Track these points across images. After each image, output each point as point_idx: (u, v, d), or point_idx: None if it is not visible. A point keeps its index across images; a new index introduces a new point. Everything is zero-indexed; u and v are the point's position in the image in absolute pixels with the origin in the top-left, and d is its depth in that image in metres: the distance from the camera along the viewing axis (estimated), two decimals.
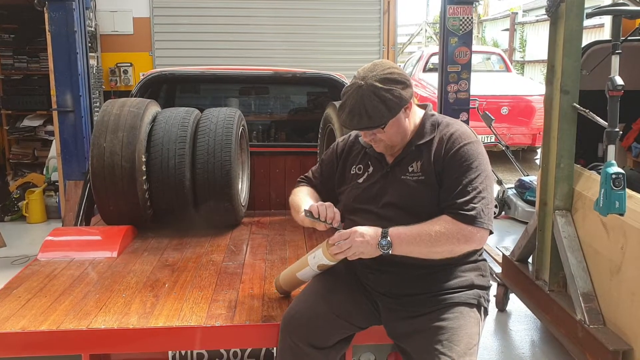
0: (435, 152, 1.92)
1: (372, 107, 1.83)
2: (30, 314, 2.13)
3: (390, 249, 1.83)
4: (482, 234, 1.85)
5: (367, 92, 1.84)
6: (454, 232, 1.82)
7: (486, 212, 1.85)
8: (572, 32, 2.86)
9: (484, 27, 18.29)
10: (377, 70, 1.87)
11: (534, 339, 3.54)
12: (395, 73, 1.88)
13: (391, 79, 1.85)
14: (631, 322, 2.46)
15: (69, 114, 4.16)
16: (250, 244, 3.06)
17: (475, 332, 1.91)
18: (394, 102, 1.84)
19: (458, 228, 1.82)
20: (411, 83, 1.92)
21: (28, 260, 4.38)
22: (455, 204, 1.84)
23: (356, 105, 1.85)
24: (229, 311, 2.17)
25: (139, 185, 3.01)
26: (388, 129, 1.90)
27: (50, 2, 4.02)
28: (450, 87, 4.43)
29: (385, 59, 7.11)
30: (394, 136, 1.93)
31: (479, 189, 1.85)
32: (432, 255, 1.86)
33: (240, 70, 4.61)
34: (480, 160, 1.89)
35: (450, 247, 1.84)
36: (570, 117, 2.93)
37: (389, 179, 2.00)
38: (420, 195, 1.92)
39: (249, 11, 7.02)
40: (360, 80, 1.86)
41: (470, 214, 1.82)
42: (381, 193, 1.99)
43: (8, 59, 6.71)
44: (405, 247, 1.84)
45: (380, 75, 1.85)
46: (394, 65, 1.93)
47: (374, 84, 1.84)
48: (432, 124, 1.99)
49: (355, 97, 1.85)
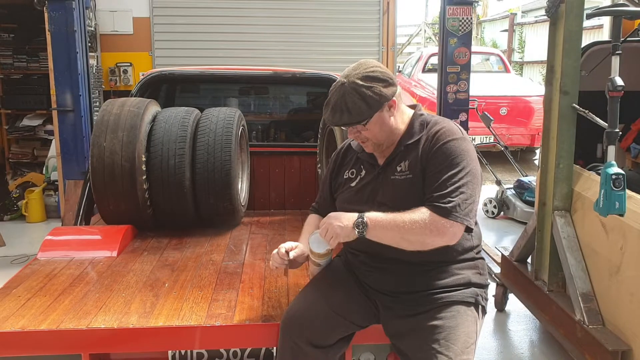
0: (422, 151, 1.93)
1: (352, 104, 1.88)
2: (29, 314, 2.13)
3: (365, 230, 1.84)
4: (456, 229, 1.82)
5: (349, 89, 1.88)
6: (427, 223, 1.80)
7: (463, 207, 1.82)
8: (571, 32, 2.86)
9: (483, 27, 18.31)
10: (360, 69, 1.91)
11: (533, 339, 3.55)
12: (378, 71, 1.91)
13: (372, 77, 1.89)
14: (630, 322, 2.47)
15: (68, 113, 4.15)
16: (250, 244, 3.06)
17: (473, 330, 1.91)
18: (373, 99, 1.88)
19: (432, 219, 1.80)
20: (395, 82, 1.95)
21: (27, 259, 4.39)
22: (432, 197, 1.84)
23: (338, 101, 1.90)
24: (229, 311, 2.17)
25: (138, 185, 3.01)
26: (371, 126, 1.93)
27: (50, 1, 4.01)
28: (450, 87, 4.44)
29: (383, 59, 7.14)
30: (379, 134, 1.96)
31: (458, 184, 1.83)
32: (403, 244, 1.85)
33: (240, 70, 4.62)
34: (464, 156, 1.88)
35: (422, 237, 1.81)
36: (570, 118, 2.93)
37: (380, 180, 2.01)
38: (408, 193, 1.92)
39: (248, 11, 7.02)
40: (344, 78, 1.92)
41: (445, 206, 1.80)
42: (373, 194, 2.01)
43: (8, 58, 6.70)
44: (379, 231, 1.84)
45: (363, 74, 1.89)
46: (379, 65, 1.96)
47: (355, 82, 1.88)
48: (420, 124, 2.00)
49: (338, 94, 1.90)
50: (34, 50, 6.62)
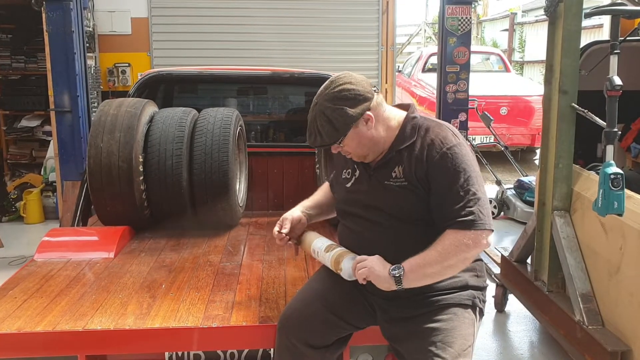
0: (416, 158, 1.90)
1: (322, 127, 1.88)
2: (26, 315, 2.12)
3: (402, 277, 1.81)
4: (486, 235, 1.84)
5: (318, 112, 1.89)
6: (459, 241, 1.80)
7: (484, 212, 1.83)
8: (570, 32, 2.85)
9: (483, 27, 18.30)
10: (329, 88, 1.89)
11: (532, 340, 3.54)
12: (346, 90, 1.86)
13: (340, 97, 1.86)
14: (630, 322, 2.46)
15: (66, 114, 4.13)
16: (247, 245, 3.05)
17: (470, 333, 1.90)
18: (340, 121, 1.86)
19: (461, 236, 1.81)
20: (369, 95, 1.88)
21: (25, 260, 4.36)
22: (451, 214, 1.83)
23: (311, 124, 1.91)
24: (226, 312, 2.16)
25: (136, 186, 3.00)
26: (347, 142, 1.91)
27: (48, 2, 4.00)
28: (449, 87, 4.43)
29: (383, 58, 7.13)
30: (358, 148, 1.94)
31: (471, 191, 1.83)
32: (448, 271, 1.86)
33: (238, 70, 4.60)
34: (465, 162, 1.87)
35: (462, 255, 1.82)
36: (569, 117, 2.92)
37: (372, 183, 1.99)
38: (405, 200, 1.91)
39: (247, 11, 7.00)
40: (316, 98, 1.91)
41: (468, 219, 1.81)
42: (367, 197, 1.99)
43: (6, 59, 6.68)
44: (418, 271, 1.82)
45: (330, 94, 1.87)
46: (350, 80, 1.89)
47: (323, 104, 1.88)
48: (412, 127, 1.96)
49: (311, 117, 1.92)
50: (32, 51, 6.60)
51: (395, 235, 1.93)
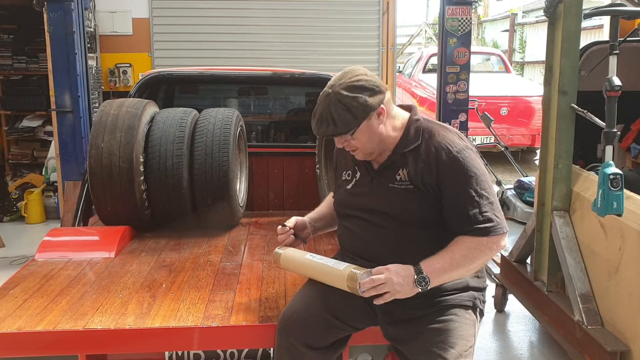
0: (424, 162, 1.90)
1: (337, 115, 1.85)
2: (26, 315, 2.12)
3: (428, 285, 1.81)
4: (502, 237, 1.88)
5: (334, 100, 1.86)
6: (483, 246, 1.84)
7: (499, 215, 1.87)
8: (570, 32, 2.86)
9: (484, 28, 18.30)
10: (345, 78, 1.88)
11: (532, 340, 3.54)
12: (363, 80, 1.87)
13: (358, 87, 1.86)
14: (629, 322, 2.46)
15: (67, 114, 4.14)
16: (248, 245, 3.05)
17: (471, 333, 1.91)
18: (358, 109, 1.85)
19: (480, 242, 1.84)
20: (383, 89, 1.90)
21: (26, 260, 4.37)
22: (469, 220, 1.85)
23: (323, 112, 1.88)
24: (226, 312, 2.16)
25: (136, 186, 3.00)
26: (359, 136, 1.90)
27: (49, 2, 4.01)
28: (449, 87, 4.43)
29: (383, 59, 7.14)
30: (367, 143, 1.93)
31: (484, 195, 1.85)
32: (468, 274, 1.93)
33: (238, 70, 4.61)
34: (475, 165, 1.88)
35: (485, 259, 1.88)
36: (568, 118, 2.93)
37: (374, 185, 1.99)
38: (411, 204, 1.91)
39: (248, 12, 7.01)
40: (329, 88, 1.89)
41: (487, 226, 1.84)
42: (369, 200, 1.99)
43: (7, 59, 6.69)
44: (442, 276, 1.84)
45: (347, 83, 1.86)
46: (365, 72, 1.91)
47: (340, 92, 1.85)
48: (416, 130, 1.97)
49: (323, 105, 1.88)
50: (33, 51, 6.61)
51: (395, 237, 1.93)
